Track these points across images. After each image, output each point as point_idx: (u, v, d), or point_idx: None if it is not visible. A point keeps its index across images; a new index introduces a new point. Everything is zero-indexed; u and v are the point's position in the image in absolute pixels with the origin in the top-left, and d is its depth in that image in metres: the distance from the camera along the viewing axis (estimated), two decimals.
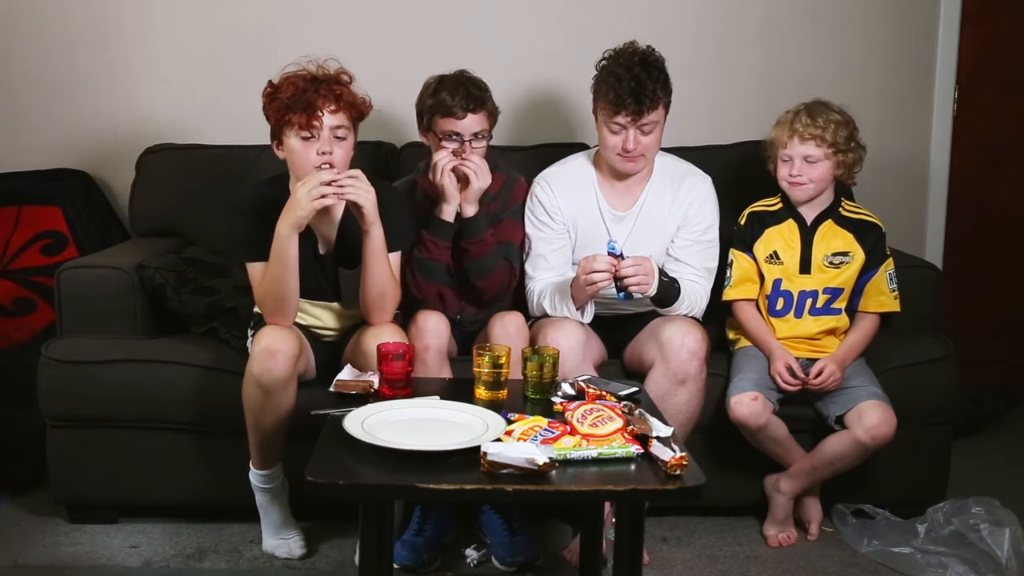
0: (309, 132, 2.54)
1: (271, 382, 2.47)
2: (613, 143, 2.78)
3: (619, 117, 2.73)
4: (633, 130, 2.74)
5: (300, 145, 2.55)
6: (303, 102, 2.52)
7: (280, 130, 2.58)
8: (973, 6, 3.71)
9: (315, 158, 2.54)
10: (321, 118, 2.53)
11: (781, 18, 3.63)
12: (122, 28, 3.55)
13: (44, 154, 3.54)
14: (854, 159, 2.87)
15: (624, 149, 2.77)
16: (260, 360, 2.47)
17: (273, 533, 2.72)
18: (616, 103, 2.71)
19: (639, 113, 2.71)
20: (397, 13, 3.57)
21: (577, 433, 2.02)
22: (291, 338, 2.51)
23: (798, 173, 2.84)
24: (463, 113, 2.78)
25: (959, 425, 3.20)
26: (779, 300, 2.89)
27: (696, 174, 2.94)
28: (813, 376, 2.77)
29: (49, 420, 2.81)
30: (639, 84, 2.70)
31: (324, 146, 2.54)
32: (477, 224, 2.80)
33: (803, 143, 2.83)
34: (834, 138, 2.81)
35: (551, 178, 2.93)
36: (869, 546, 2.76)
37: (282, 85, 2.56)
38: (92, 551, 2.74)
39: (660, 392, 2.64)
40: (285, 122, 2.55)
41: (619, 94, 2.70)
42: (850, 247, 2.87)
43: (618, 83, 2.71)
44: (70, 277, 2.89)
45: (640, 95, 2.70)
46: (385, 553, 2.36)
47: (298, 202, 2.46)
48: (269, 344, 2.47)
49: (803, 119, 2.83)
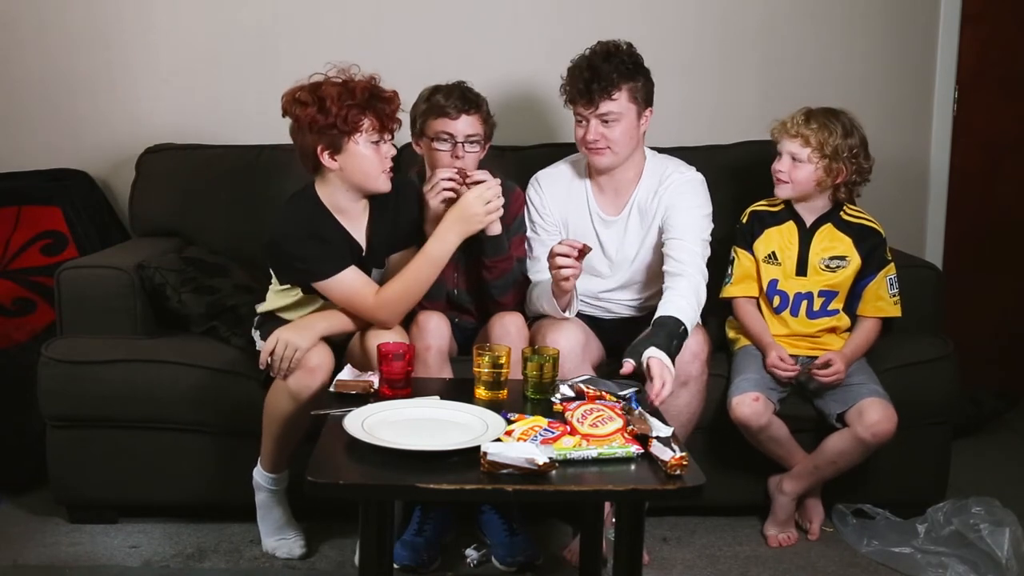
0: (382, 135, 2.54)
1: (309, 396, 2.48)
2: (578, 135, 2.81)
3: (578, 107, 2.76)
4: (593, 120, 2.75)
5: (371, 150, 2.53)
6: (375, 105, 2.50)
7: (346, 136, 2.49)
8: (973, 6, 3.71)
9: (384, 162, 2.55)
10: (393, 120, 2.55)
11: (781, 18, 3.63)
12: (122, 28, 3.55)
13: (44, 154, 3.54)
14: (844, 170, 2.81)
15: (584, 140, 2.78)
16: (298, 378, 2.47)
17: (273, 533, 2.72)
18: (571, 93, 2.76)
19: (591, 102, 2.73)
20: (397, 13, 3.57)
21: (577, 433, 2.02)
22: (328, 354, 2.52)
23: (781, 168, 2.84)
24: (456, 113, 2.75)
25: (959, 425, 3.20)
26: (775, 298, 2.90)
27: (680, 168, 2.90)
28: (819, 366, 2.76)
29: (49, 420, 2.81)
30: (593, 73, 2.73)
31: (390, 148, 2.57)
32: (501, 243, 2.76)
33: (790, 140, 2.84)
34: (820, 142, 2.79)
35: (543, 179, 2.93)
36: (869, 546, 2.76)
37: (349, 90, 2.49)
38: (92, 551, 2.74)
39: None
40: (358, 126, 2.49)
41: (574, 83, 2.75)
42: (847, 251, 2.87)
43: (576, 72, 2.76)
44: (70, 277, 2.89)
45: (591, 83, 2.72)
46: (385, 553, 2.36)
47: (474, 214, 2.55)
48: (308, 361, 2.48)
49: (798, 119, 2.84)
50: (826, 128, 2.81)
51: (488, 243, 2.74)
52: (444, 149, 2.77)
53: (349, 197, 2.60)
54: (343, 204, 2.60)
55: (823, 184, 2.84)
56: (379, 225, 2.67)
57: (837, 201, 2.90)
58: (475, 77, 2.90)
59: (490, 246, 2.74)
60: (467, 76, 2.90)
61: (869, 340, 2.86)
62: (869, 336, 2.86)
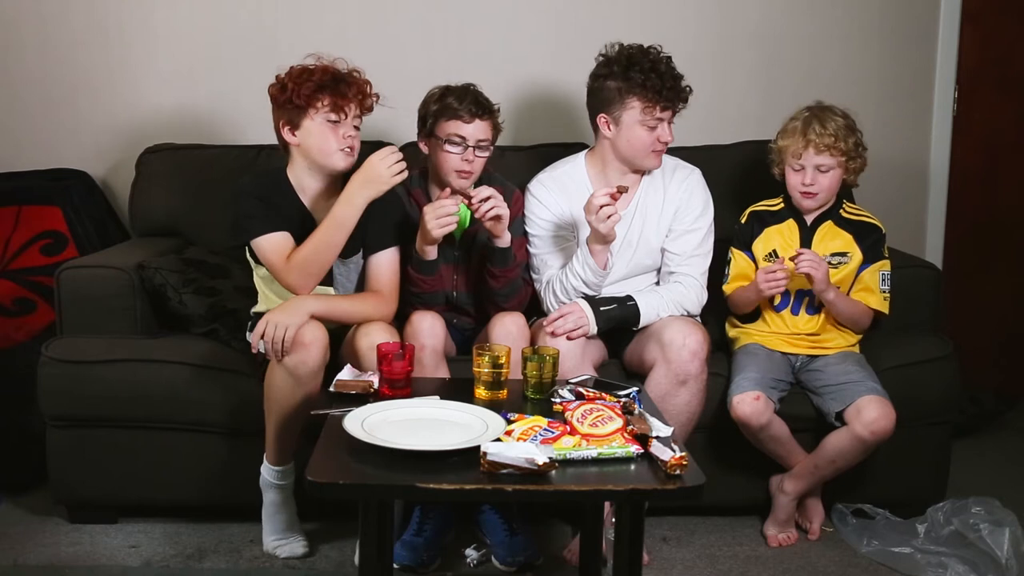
0: (338, 115, 2.61)
1: (306, 372, 2.49)
2: (648, 140, 2.81)
3: (658, 111, 2.77)
4: (666, 123, 2.80)
5: (326, 128, 2.62)
6: (336, 86, 2.61)
7: (302, 112, 2.62)
8: (973, 6, 3.71)
9: (341, 141, 2.62)
10: (351, 102, 2.62)
11: (781, 18, 3.64)
12: (122, 28, 3.55)
13: (44, 154, 3.54)
14: (861, 164, 2.88)
15: (662, 142, 2.82)
16: (294, 353, 2.48)
17: (276, 533, 2.71)
18: (656, 96, 2.76)
19: (674, 106, 2.79)
20: (397, 12, 3.57)
21: (577, 433, 2.02)
22: (320, 329, 2.53)
23: (811, 182, 2.84)
24: (470, 117, 2.76)
25: (959, 425, 3.20)
26: (776, 296, 2.89)
27: (684, 166, 2.96)
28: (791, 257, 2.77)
29: (49, 420, 2.81)
30: (674, 79, 2.78)
31: (349, 130, 2.64)
32: (509, 255, 2.76)
33: (819, 154, 2.82)
34: (846, 145, 2.82)
35: (548, 182, 2.93)
36: (869, 546, 2.76)
37: (312, 69, 2.63)
38: (92, 551, 2.74)
39: (661, 392, 2.65)
40: (313, 103, 2.60)
41: (659, 84, 2.75)
42: (848, 247, 2.87)
43: (659, 79, 2.76)
44: (70, 277, 2.89)
45: (676, 88, 2.77)
46: (385, 553, 2.37)
47: (378, 175, 2.57)
48: (302, 337, 2.49)
49: (816, 128, 2.82)
50: (844, 129, 2.83)
51: (496, 254, 2.74)
52: (455, 152, 2.77)
53: (311, 176, 2.69)
54: (305, 183, 2.70)
55: (847, 179, 2.88)
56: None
57: (842, 192, 2.92)
58: (476, 77, 2.90)
59: (498, 257, 2.75)
60: (468, 75, 2.90)
61: (856, 306, 2.84)
62: (858, 305, 2.84)
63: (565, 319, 2.71)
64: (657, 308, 2.80)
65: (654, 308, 2.80)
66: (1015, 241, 3.91)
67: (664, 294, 2.84)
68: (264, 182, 2.72)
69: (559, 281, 2.83)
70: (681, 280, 2.87)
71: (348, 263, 2.74)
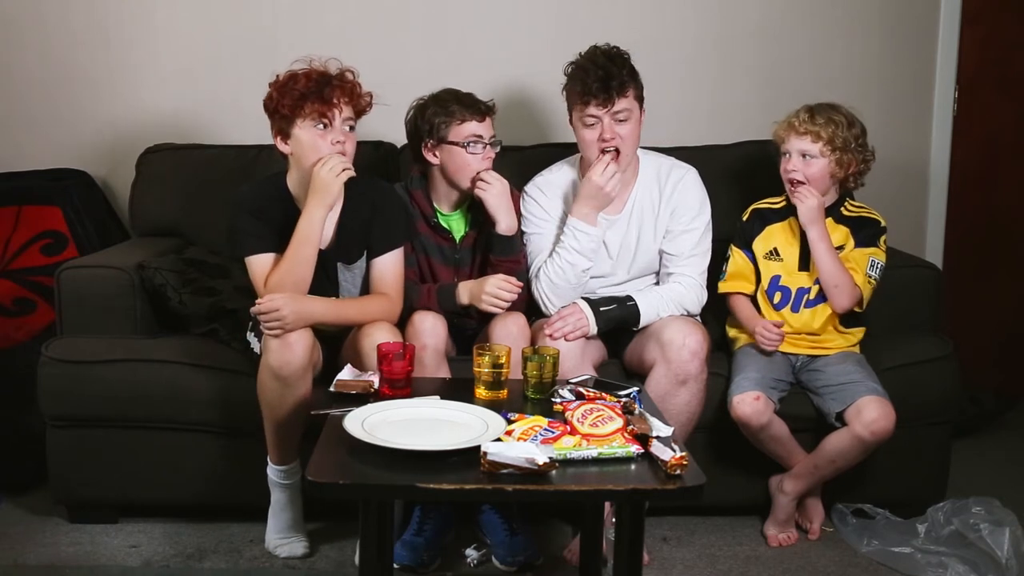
0: (325, 122, 2.59)
1: (290, 373, 2.49)
2: (590, 137, 2.79)
3: (591, 108, 2.75)
4: (607, 119, 2.75)
5: (314, 135, 2.60)
6: (321, 92, 2.58)
7: (290, 122, 2.61)
8: (973, 6, 3.71)
9: (330, 147, 2.60)
10: (337, 107, 2.59)
11: (781, 18, 3.63)
12: (123, 28, 3.55)
13: (44, 154, 3.55)
14: (854, 161, 2.86)
15: (601, 139, 2.77)
16: (278, 353, 2.48)
17: (279, 531, 2.71)
18: (585, 92, 2.74)
19: (609, 100, 2.73)
20: (397, 13, 3.57)
21: (577, 433, 2.02)
22: (309, 336, 2.53)
23: (794, 168, 2.85)
24: (482, 116, 2.78)
25: (959, 425, 3.20)
26: (776, 294, 2.90)
27: (680, 166, 2.95)
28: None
29: (49, 420, 2.81)
30: (606, 72, 2.73)
31: (338, 135, 2.61)
32: (512, 244, 2.78)
33: (799, 137, 2.84)
34: (831, 136, 2.82)
35: (544, 185, 2.94)
36: (869, 546, 2.76)
37: (297, 77, 2.61)
38: (92, 551, 2.74)
39: (661, 392, 2.65)
40: (299, 112, 2.59)
41: (587, 83, 2.74)
42: (844, 240, 2.89)
43: (585, 74, 2.75)
44: (70, 277, 2.89)
45: (607, 81, 2.73)
46: (385, 553, 2.36)
47: (324, 183, 2.55)
48: (286, 336, 2.49)
49: (802, 116, 2.86)
50: (833, 122, 2.84)
51: (496, 240, 2.75)
52: (478, 152, 2.78)
53: (306, 184, 2.65)
54: (302, 190, 2.66)
55: (835, 176, 2.87)
56: (351, 221, 2.70)
57: (844, 192, 2.93)
58: (475, 77, 2.91)
59: (498, 244, 2.76)
60: (467, 76, 2.90)
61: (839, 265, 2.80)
62: (842, 266, 2.81)
63: (565, 321, 2.71)
64: (657, 308, 2.81)
65: (654, 308, 2.80)
66: (1015, 241, 3.91)
67: (664, 294, 2.84)
68: (261, 192, 2.71)
69: (549, 264, 2.82)
70: (680, 280, 2.87)
71: (353, 268, 2.74)
